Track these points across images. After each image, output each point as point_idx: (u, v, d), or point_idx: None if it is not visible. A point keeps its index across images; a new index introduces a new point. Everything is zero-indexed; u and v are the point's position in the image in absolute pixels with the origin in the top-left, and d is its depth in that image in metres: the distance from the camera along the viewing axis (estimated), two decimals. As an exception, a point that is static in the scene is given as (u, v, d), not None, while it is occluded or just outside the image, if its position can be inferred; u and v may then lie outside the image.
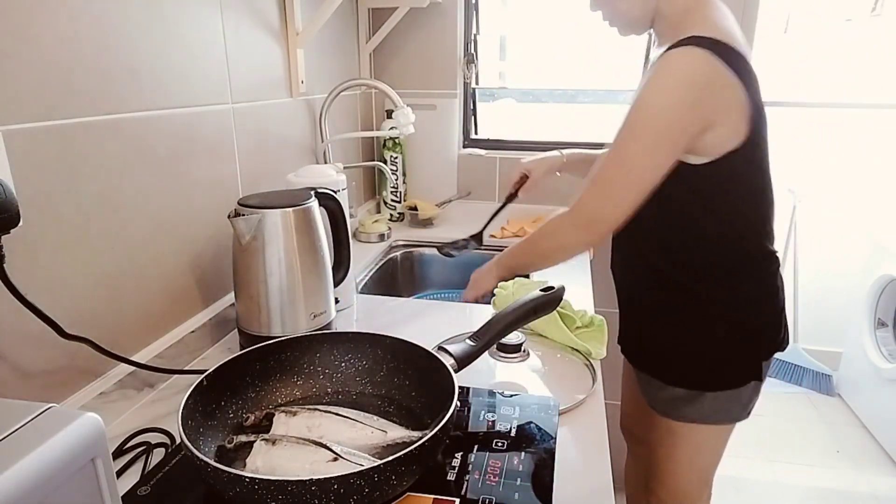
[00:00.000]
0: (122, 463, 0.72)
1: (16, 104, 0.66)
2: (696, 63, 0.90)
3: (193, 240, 0.99)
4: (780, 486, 2.18)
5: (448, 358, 0.74)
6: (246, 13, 1.11)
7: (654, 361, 1.17)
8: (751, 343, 1.09)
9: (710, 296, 1.06)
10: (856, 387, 2.62)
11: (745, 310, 1.07)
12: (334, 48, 1.56)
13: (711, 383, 1.09)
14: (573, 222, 1.04)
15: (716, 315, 1.07)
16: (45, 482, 0.37)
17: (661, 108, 0.93)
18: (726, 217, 1.02)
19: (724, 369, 1.09)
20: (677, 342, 1.11)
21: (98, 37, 0.77)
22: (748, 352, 1.09)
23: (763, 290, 1.08)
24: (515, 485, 0.66)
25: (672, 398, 1.12)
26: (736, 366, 1.09)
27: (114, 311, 0.83)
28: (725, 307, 1.06)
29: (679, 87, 0.91)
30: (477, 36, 1.87)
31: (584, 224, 1.03)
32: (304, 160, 1.41)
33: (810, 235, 2.83)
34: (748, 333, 1.08)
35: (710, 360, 1.09)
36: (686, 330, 1.09)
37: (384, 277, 1.59)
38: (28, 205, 0.67)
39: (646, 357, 1.19)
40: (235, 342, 1.01)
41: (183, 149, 0.95)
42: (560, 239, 1.08)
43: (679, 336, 1.10)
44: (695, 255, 1.05)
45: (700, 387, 1.10)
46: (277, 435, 0.68)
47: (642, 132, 0.94)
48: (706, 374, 1.09)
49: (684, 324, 1.09)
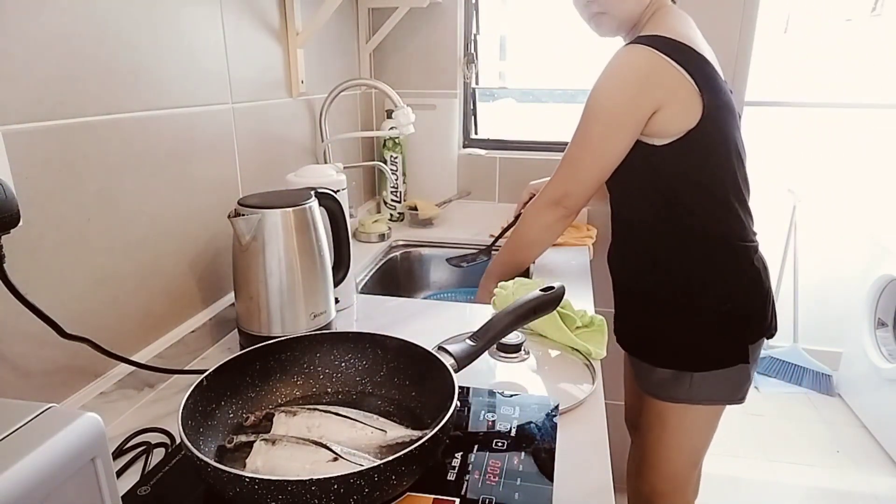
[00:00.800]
0: (122, 463, 0.72)
1: (16, 104, 0.66)
2: (637, 56, 1.05)
3: (193, 240, 0.99)
4: (780, 486, 2.18)
5: (448, 358, 0.74)
6: (246, 13, 1.11)
7: (644, 345, 1.24)
8: (737, 325, 1.14)
9: (694, 280, 1.13)
10: (856, 387, 2.62)
11: (729, 293, 1.13)
12: (334, 48, 1.56)
13: (697, 364, 1.16)
14: (546, 202, 1.19)
15: (701, 298, 1.13)
16: (45, 482, 0.37)
17: (610, 95, 1.08)
18: (700, 196, 1.10)
19: (710, 350, 1.15)
20: (665, 325, 1.18)
21: (98, 37, 0.77)
22: (734, 334, 1.14)
23: (746, 273, 1.13)
24: (515, 485, 0.66)
25: (660, 380, 1.19)
26: (722, 347, 1.15)
27: (114, 311, 0.83)
28: (709, 290, 1.13)
29: (623, 77, 1.07)
30: (477, 36, 1.87)
31: (556, 200, 1.18)
32: (304, 160, 1.41)
33: (810, 235, 2.83)
34: (734, 316, 1.14)
35: (696, 342, 1.15)
36: (673, 313, 1.16)
37: (384, 277, 1.59)
38: (28, 205, 0.67)
39: (637, 342, 1.26)
40: (235, 342, 1.01)
41: (183, 149, 0.95)
42: (539, 221, 1.22)
43: (667, 320, 1.17)
44: (677, 242, 1.14)
45: (687, 367, 1.16)
46: (277, 435, 0.68)
47: (597, 116, 1.10)
48: (692, 355, 1.16)
49: (671, 308, 1.16)
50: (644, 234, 1.17)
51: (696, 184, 1.09)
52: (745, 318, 1.14)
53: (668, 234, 1.14)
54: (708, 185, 1.10)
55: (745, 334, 1.15)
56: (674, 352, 1.17)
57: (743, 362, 1.14)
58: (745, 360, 1.14)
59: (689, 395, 1.17)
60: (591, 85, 1.11)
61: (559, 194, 1.17)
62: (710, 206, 1.11)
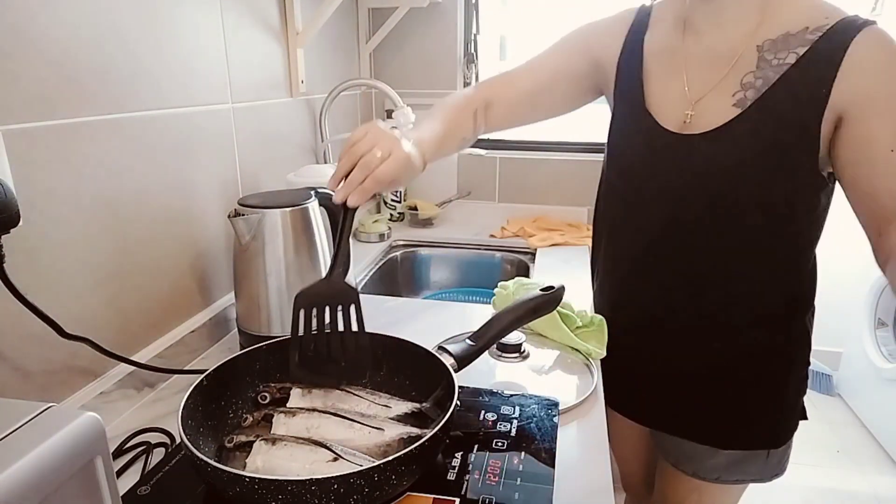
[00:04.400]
0: (122, 463, 0.72)
1: (16, 104, 0.66)
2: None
3: (193, 240, 0.99)
4: (780, 486, 2.17)
5: (448, 358, 0.74)
6: (246, 13, 1.11)
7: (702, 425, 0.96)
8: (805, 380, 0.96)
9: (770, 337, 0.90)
10: (856, 387, 2.62)
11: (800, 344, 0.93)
12: (334, 48, 1.56)
13: (781, 438, 0.95)
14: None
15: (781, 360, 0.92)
16: (45, 482, 0.37)
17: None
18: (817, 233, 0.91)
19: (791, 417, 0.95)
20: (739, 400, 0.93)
21: (98, 37, 0.77)
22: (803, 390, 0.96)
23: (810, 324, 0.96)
24: (515, 485, 0.66)
25: (727, 463, 0.96)
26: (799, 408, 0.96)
27: (114, 311, 0.83)
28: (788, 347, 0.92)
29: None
30: (477, 36, 1.87)
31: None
32: (304, 160, 1.41)
33: (810, 235, 2.83)
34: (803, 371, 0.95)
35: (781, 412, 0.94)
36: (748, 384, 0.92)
37: (384, 277, 1.59)
38: (28, 205, 0.67)
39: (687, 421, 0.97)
40: (235, 342, 1.01)
41: (183, 149, 0.95)
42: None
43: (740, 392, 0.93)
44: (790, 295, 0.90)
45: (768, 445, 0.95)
46: (277, 435, 0.68)
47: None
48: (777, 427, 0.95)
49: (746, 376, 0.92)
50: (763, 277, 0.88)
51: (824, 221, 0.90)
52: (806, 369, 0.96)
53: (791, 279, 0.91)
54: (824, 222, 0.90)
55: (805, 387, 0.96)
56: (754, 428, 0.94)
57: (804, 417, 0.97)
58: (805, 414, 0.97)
59: (762, 473, 0.97)
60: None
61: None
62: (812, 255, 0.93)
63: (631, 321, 0.98)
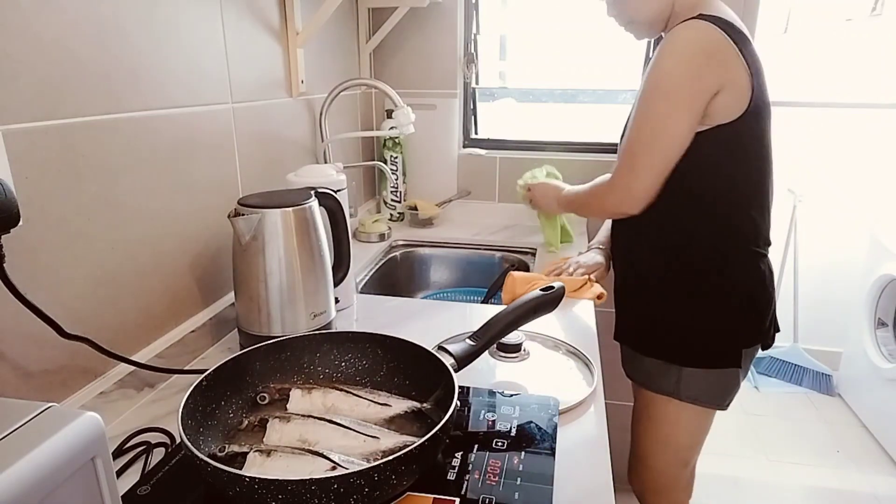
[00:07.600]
0: (122, 463, 0.72)
1: (16, 104, 0.66)
2: (702, 31, 0.97)
3: (193, 240, 0.99)
4: (780, 486, 2.18)
5: (448, 357, 0.74)
6: (246, 13, 1.11)
7: (637, 334, 1.22)
8: (734, 323, 1.11)
9: (701, 267, 1.10)
10: (856, 387, 2.62)
11: (734, 286, 1.10)
12: (334, 48, 1.56)
13: (688, 358, 1.13)
14: (610, 195, 1.13)
15: (704, 286, 1.10)
16: (45, 481, 0.37)
17: (673, 72, 0.99)
18: (723, 189, 1.05)
19: (702, 347, 1.12)
20: (664, 313, 1.15)
21: (98, 37, 0.77)
22: (730, 333, 1.12)
23: (752, 278, 1.11)
24: (515, 485, 0.66)
25: (648, 369, 1.18)
26: (714, 347, 1.12)
27: (114, 311, 0.83)
28: (714, 279, 1.09)
29: (688, 52, 0.98)
30: (477, 36, 1.87)
31: (619, 199, 1.10)
32: (304, 160, 1.41)
33: (810, 235, 2.83)
34: (731, 318, 1.11)
35: (688, 336, 1.12)
36: (674, 299, 1.13)
37: (384, 277, 1.59)
38: (28, 205, 0.67)
39: (631, 331, 1.24)
40: (235, 342, 1.01)
41: (183, 149, 0.95)
42: (602, 205, 1.20)
43: (667, 306, 1.14)
44: (689, 231, 1.09)
45: (676, 360, 1.13)
46: (271, 445, 0.67)
47: (660, 97, 1.00)
48: (683, 348, 1.13)
49: (673, 293, 1.13)
50: (658, 217, 1.09)
51: (724, 177, 1.04)
52: (744, 317, 1.11)
53: (683, 219, 1.08)
54: (734, 182, 1.05)
55: (740, 336, 1.12)
56: (667, 342, 1.15)
57: (734, 366, 1.11)
58: (737, 364, 1.11)
59: (675, 389, 1.14)
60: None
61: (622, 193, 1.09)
62: (731, 203, 1.06)
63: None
